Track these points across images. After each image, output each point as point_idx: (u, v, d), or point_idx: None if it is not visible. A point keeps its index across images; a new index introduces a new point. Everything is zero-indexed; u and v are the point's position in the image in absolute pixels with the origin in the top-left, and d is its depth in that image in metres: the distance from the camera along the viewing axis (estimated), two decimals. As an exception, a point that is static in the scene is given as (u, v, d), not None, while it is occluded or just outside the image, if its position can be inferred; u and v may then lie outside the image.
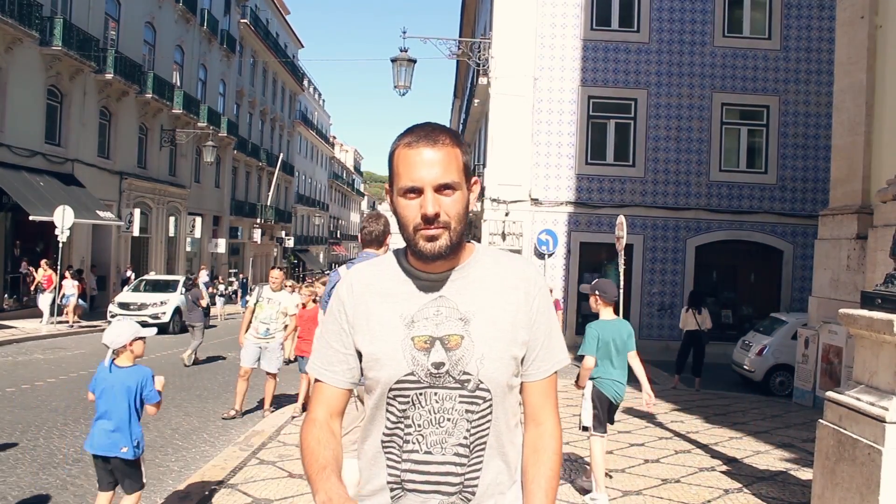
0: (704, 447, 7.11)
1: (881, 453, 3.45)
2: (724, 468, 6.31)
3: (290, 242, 45.92)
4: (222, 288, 27.01)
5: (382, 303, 1.55)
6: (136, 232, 24.71)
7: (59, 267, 17.24)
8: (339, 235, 73.19)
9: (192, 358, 12.23)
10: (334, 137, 72.54)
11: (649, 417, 8.51)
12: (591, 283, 5.31)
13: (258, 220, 39.08)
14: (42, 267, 17.56)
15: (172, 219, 28.56)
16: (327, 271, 40.96)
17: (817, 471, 4.09)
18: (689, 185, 16.82)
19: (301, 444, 1.54)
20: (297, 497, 5.11)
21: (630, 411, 8.58)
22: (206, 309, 13.29)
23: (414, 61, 15.21)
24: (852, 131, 9.16)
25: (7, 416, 7.75)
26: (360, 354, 1.57)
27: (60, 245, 16.73)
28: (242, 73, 37.55)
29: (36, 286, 17.81)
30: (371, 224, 4.03)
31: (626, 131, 16.93)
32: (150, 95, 24.77)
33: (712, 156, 16.82)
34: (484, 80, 16.84)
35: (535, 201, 16.54)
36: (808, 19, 16.84)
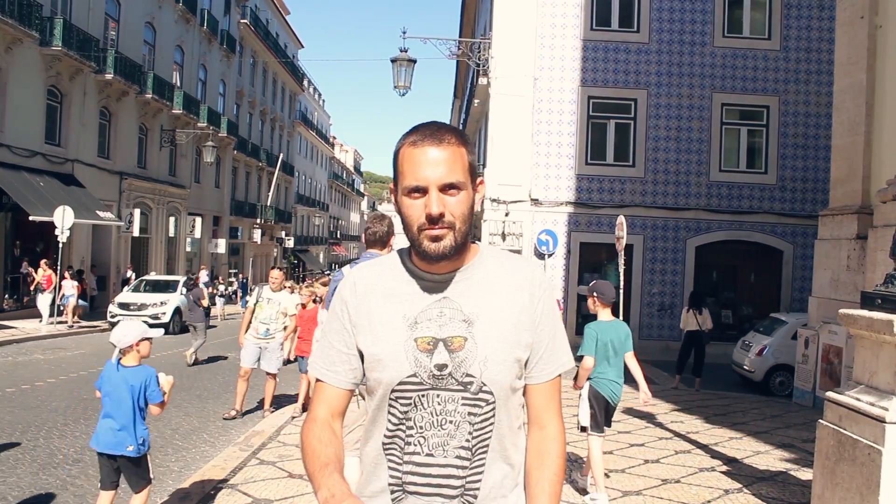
0: (704, 447, 7.11)
1: (881, 453, 3.45)
2: (724, 468, 6.31)
3: (290, 243, 45.93)
4: (222, 288, 27.01)
5: (385, 303, 1.54)
6: (136, 232, 24.71)
7: (58, 267, 17.25)
8: (339, 236, 73.20)
9: (193, 357, 12.26)
10: (334, 137, 72.56)
11: (649, 417, 8.51)
12: (590, 285, 5.39)
13: (258, 221, 39.09)
14: (42, 267, 17.56)
15: (172, 219, 28.56)
16: (327, 271, 40.97)
17: (817, 471, 4.09)
18: (689, 186, 16.81)
19: (302, 443, 1.53)
20: (297, 497, 5.11)
21: (630, 411, 8.58)
22: (207, 309, 13.32)
23: (414, 61, 15.21)
24: (852, 131, 9.16)
25: (7, 416, 7.75)
26: (361, 355, 1.55)
27: (60, 245, 16.73)
28: (242, 73, 37.56)
29: (36, 286, 17.80)
30: (375, 225, 4.04)
31: (626, 131, 16.92)
32: (150, 95, 24.78)
33: (712, 156, 16.82)
34: (484, 80, 16.83)
35: (535, 201, 16.54)
36: (808, 19, 16.84)
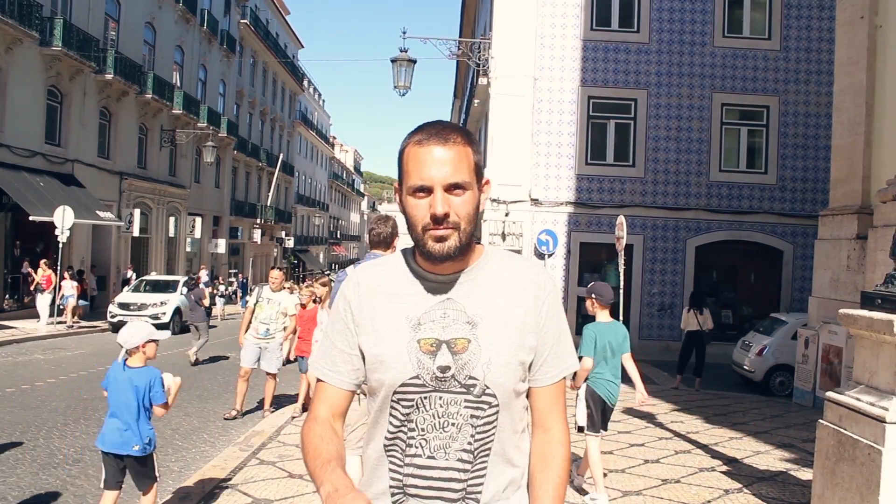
0: (704, 447, 7.11)
1: (881, 453, 3.44)
2: (724, 468, 6.31)
3: (290, 243, 45.94)
4: (222, 288, 27.02)
5: (388, 303, 1.52)
6: (136, 232, 24.71)
7: (58, 267, 17.25)
8: (339, 236, 73.21)
9: (195, 357, 12.30)
10: (334, 137, 72.55)
11: (649, 417, 8.51)
12: (588, 287, 5.46)
13: (258, 221, 39.09)
14: (41, 267, 17.56)
15: (172, 219, 28.57)
16: (326, 271, 40.98)
17: (817, 471, 4.09)
18: (689, 186, 16.81)
19: (303, 442, 1.51)
20: (297, 497, 5.11)
21: (630, 411, 8.58)
22: (209, 308, 13.38)
23: (414, 61, 15.21)
24: (852, 131, 9.16)
25: (7, 416, 7.75)
26: (363, 355, 1.53)
27: (60, 245, 16.73)
28: (242, 73, 37.56)
29: (35, 286, 17.81)
30: (379, 226, 4.05)
31: (626, 131, 16.92)
32: (150, 95, 24.78)
33: (712, 156, 16.82)
34: (484, 80, 16.83)
35: (535, 201, 16.53)
36: (808, 19, 16.84)
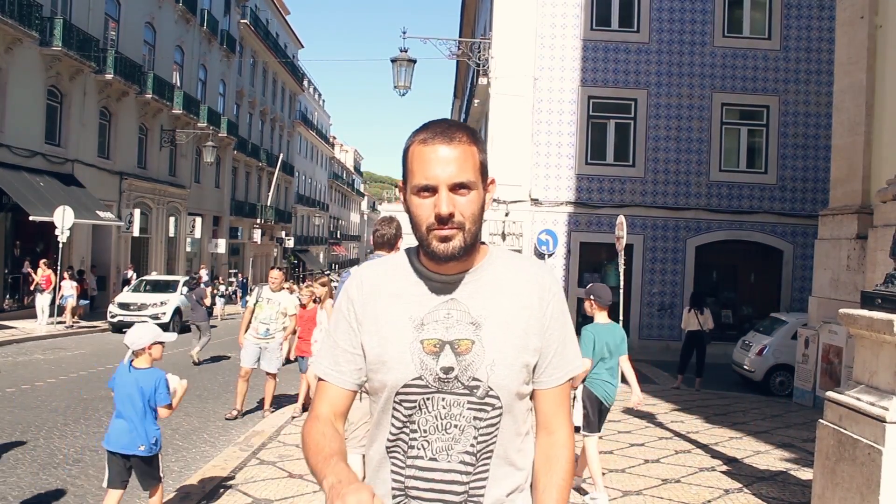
0: (704, 447, 7.11)
1: (881, 453, 3.44)
2: (725, 468, 6.31)
3: (290, 243, 45.94)
4: (222, 288, 27.02)
5: (392, 303, 1.50)
6: (136, 232, 24.71)
7: (58, 267, 17.25)
8: (339, 236, 73.20)
9: (198, 357, 12.31)
10: (334, 137, 72.54)
11: (649, 417, 8.52)
12: (586, 288, 5.48)
13: (258, 221, 39.09)
14: (41, 267, 17.56)
15: (172, 219, 28.56)
16: (326, 271, 40.99)
17: (817, 471, 4.09)
18: (689, 185, 16.81)
19: (304, 440, 1.48)
20: (298, 497, 5.11)
21: (630, 411, 8.57)
22: (210, 308, 13.40)
23: (414, 61, 15.20)
24: (852, 131, 9.16)
25: (7, 416, 7.75)
26: (365, 355, 1.52)
27: (60, 245, 16.73)
28: (242, 73, 37.55)
29: (35, 286, 17.81)
30: (383, 227, 4.06)
31: (626, 131, 16.92)
32: (150, 96, 24.77)
33: (712, 156, 16.82)
34: (484, 80, 16.83)
35: (535, 201, 16.54)
36: (808, 19, 16.83)
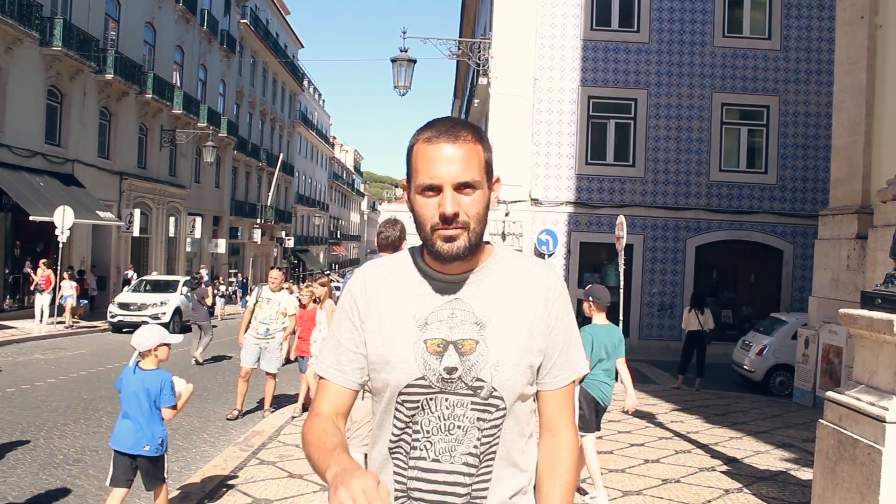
0: (704, 447, 7.11)
1: (881, 453, 3.44)
2: (725, 468, 6.31)
3: (290, 243, 45.95)
4: (223, 288, 27.02)
5: (395, 303, 1.49)
6: (136, 232, 24.70)
7: (58, 267, 17.25)
8: (339, 236, 73.20)
9: (200, 358, 12.33)
10: (334, 137, 72.54)
11: (649, 417, 8.52)
12: (585, 289, 5.49)
13: (258, 221, 39.09)
14: (40, 267, 17.56)
15: (172, 219, 28.56)
16: (326, 271, 40.98)
17: (817, 471, 4.09)
18: (689, 185, 16.81)
19: (305, 436, 1.46)
20: (298, 497, 5.11)
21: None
22: (211, 307, 13.42)
23: (414, 61, 15.20)
24: (852, 131, 9.16)
25: (7, 416, 7.75)
26: (368, 355, 1.50)
27: (60, 245, 16.73)
28: (242, 73, 37.55)
29: (35, 286, 17.81)
30: (388, 229, 4.07)
31: (626, 131, 16.92)
32: (150, 96, 24.77)
33: (712, 156, 16.82)
34: (484, 80, 16.83)
35: (535, 201, 16.54)
36: (808, 19, 16.84)
